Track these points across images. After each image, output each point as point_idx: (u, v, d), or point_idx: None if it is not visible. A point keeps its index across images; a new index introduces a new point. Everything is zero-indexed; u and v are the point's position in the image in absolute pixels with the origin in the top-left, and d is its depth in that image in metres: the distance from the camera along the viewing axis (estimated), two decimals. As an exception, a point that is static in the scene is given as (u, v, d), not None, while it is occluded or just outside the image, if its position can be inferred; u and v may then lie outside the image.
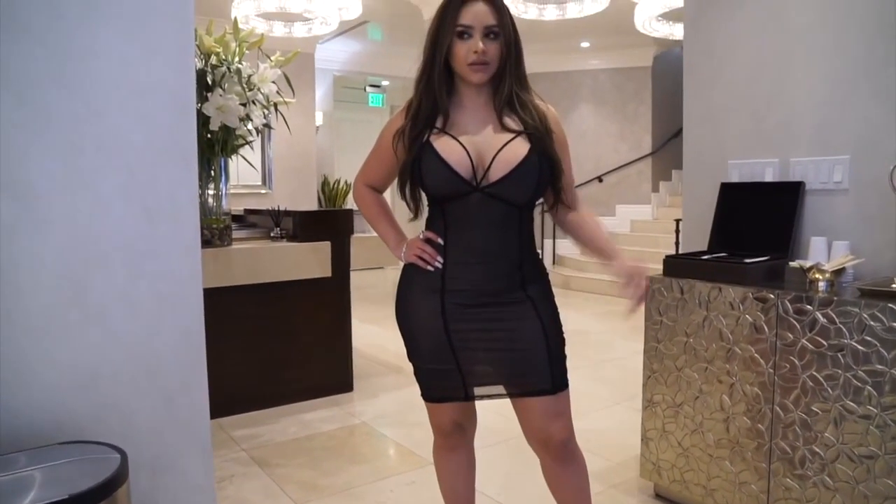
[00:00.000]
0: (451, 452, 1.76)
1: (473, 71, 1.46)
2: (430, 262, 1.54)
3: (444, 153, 1.47)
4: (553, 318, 1.59)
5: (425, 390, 1.64)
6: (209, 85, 3.06)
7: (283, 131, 3.62)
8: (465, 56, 1.45)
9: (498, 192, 1.48)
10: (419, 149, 1.50)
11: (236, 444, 2.91)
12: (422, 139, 1.50)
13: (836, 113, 2.15)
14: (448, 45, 1.46)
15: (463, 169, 1.47)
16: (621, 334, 5.09)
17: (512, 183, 1.47)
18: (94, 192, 1.34)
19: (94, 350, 1.35)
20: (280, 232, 3.60)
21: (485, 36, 1.44)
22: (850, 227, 2.12)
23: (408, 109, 1.56)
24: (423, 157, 1.49)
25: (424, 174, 1.49)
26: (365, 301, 6.76)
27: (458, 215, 1.52)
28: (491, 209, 1.49)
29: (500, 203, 1.49)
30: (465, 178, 1.47)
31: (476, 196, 1.48)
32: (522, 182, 1.48)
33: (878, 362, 1.70)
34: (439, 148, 1.48)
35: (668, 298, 2.21)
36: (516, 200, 1.50)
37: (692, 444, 2.18)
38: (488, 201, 1.48)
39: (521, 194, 1.49)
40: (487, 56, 1.45)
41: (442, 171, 1.47)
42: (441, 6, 1.48)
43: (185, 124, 1.46)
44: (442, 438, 1.73)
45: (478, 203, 1.49)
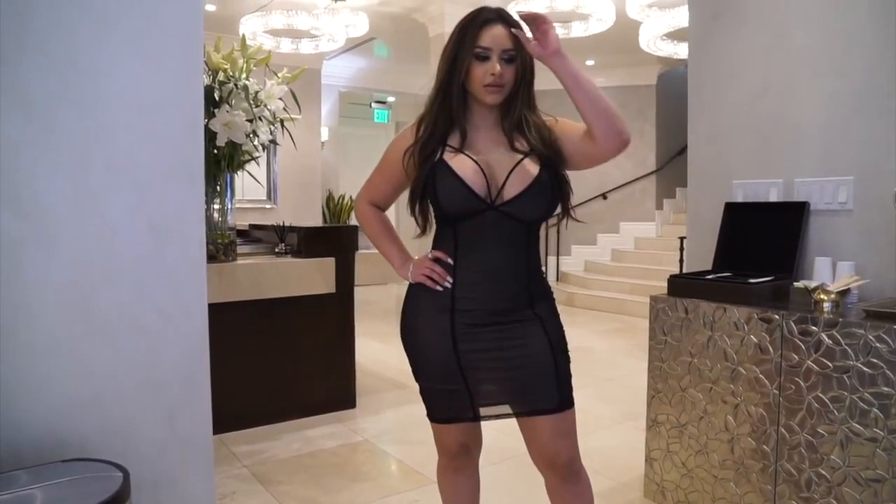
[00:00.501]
0: (456, 474, 1.74)
1: (489, 92, 1.47)
2: (440, 283, 1.54)
3: (460, 171, 1.49)
4: (560, 336, 1.60)
5: (431, 411, 1.63)
6: (216, 101, 3.08)
7: (289, 146, 3.63)
8: (482, 77, 1.46)
9: (512, 211, 1.49)
10: (433, 166, 1.51)
11: (238, 461, 2.90)
12: (435, 157, 1.51)
13: (840, 134, 2.16)
14: (467, 66, 1.47)
15: (478, 187, 1.48)
16: (625, 352, 5.07)
17: (526, 201, 1.48)
18: (101, 210, 1.35)
19: (98, 367, 1.35)
20: (284, 247, 3.61)
21: (502, 59, 1.46)
22: (855, 248, 2.12)
23: (418, 127, 1.57)
24: (437, 175, 1.50)
25: (439, 192, 1.50)
26: (369, 316, 6.76)
27: (470, 234, 1.52)
28: (503, 228, 1.50)
29: (513, 221, 1.50)
30: (480, 195, 1.48)
31: (490, 214, 1.49)
32: (535, 200, 1.49)
33: (885, 384, 1.69)
34: (454, 166, 1.49)
35: (672, 318, 2.21)
36: (528, 218, 1.51)
37: (697, 464, 2.17)
38: (501, 219, 1.49)
39: (533, 212, 1.50)
40: (504, 79, 1.46)
41: (458, 189, 1.48)
42: (460, 27, 1.50)
43: (192, 143, 1.48)
44: (447, 459, 1.72)
45: (491, 221, 1.50)
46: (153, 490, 1.42)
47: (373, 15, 6.25)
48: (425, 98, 1.58)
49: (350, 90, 9.25)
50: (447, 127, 1.53)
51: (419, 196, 1.55)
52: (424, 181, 1.52)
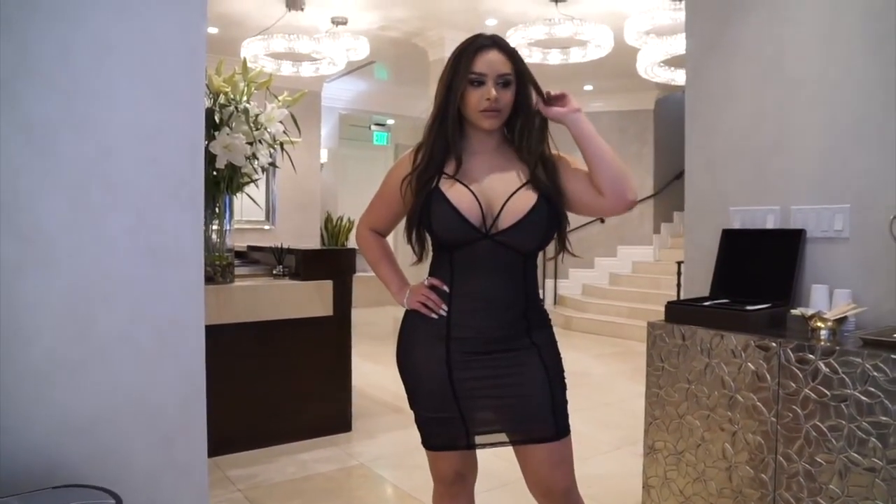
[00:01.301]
0: (451, 501, 1.72)
1: (485, 117, 1.48)
2: (435, 311, 1.54)
3: (455, 200, 1.49)
4: (556, 364, 1.59)
5: (426, 438, 1.62)
6: (217, 124, 3.10)
7: (288, 168, 3.65)
8: (478, 103, 1.47)
9: (506, 241, 1.49)
10: (428, 194, 1.51)
11: (232, 485, 2.87)
12: (431, 185, 1.51)
13: (836, 162, 2.17)
14: (461, 91, 1.48)
15: (473, 216, 1.48)
16: (623, 376, 5.05)
17: (520, 231, 1.48)
18: (100, 233, 1.35)
19: (94, 392, 1.34)
20: (282, 269, 3.61)
21: (497, 84, 1.47)
22: (852, 276, 2.12)
23: (416, 154, 1.57)
24: (432, 203, 1.50)
25: (434, 220, 1.50)
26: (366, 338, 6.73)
27: (465, 262, 1.52)
28: (498, 256, 1.50)
29: (507, 251, 1.50)
30: (474, 225, 1.48)
31: (485, 243, 1.49)
32: (530, 231, 1.49)
33: (883, 414, 1.68)
34: (449, 194, 1.49)
35: (669, 345, 2.20)
36: (523, 248, 1.51)
37: (694, 492, 2.15)
38: (496, 248, 1.49)
39: (528, 243, 1.50)
40: (499, 104, 1.47)
41: (452, 218, 1.48)
42: (455, 53, 1.51)
43: (192, 166, 1.48)
44: (443, 487, 1.70)
45: (485, 250, 1.49)
46: (146, 516, 1.41)
47: (373, 39, 6.32)
48: (425, 122, 1.59)
49: (350, 112, 9.31)
50: (444, 154, 1.53)
51: (416, 224, 1.54)
52: (420, 209, 1.52)
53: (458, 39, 1.57)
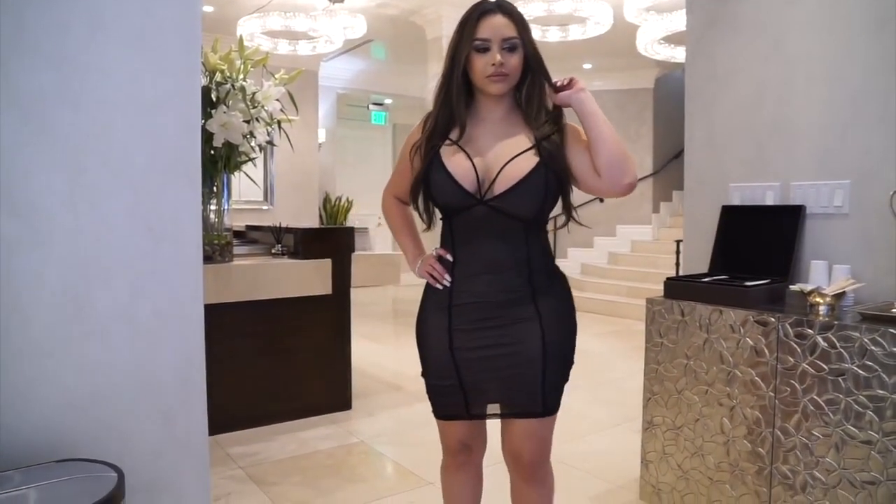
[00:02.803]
0: (457, 472, 1.74)
1: (492, 82, 1.47)
2: (439, 280, 1.56)
3: (451, 166, 1.49)
4: (559, 340, 1.57)
5: (434, 407, 1.65)
6: (213, 102, 3.07)
7: (286, 148, 3.63)
8: (484, 68, 1.47)
9: (501, 206, 1.48)
10: (430, 161, 1.52)
11: (233, 462, 2.89)
12: (433, 152, 1.53)
13: (836, 138, 2.17)
14: (467, 58, 1.48)
15: (468, 182, 1.48)
16: (621, 354, 5.08)
17: (516, 197, 1.47)
18: (97, 210, 1.34)
19: (94, 369, 1.34)
20: (281, 249, 3.61)
21: (503, 48, 1.46)
22: (851, 252, 2.12)
23: (425, 122, 1.58)
24: (431, 170, 1.52)
25: (432, 186, 1.52)
26: (365, 318, 6.75)
27: (465, 228, 1.53)
28: (496, 223, 1.50)
29: (505, 217, 1.49)
30: (469, 191, 1.48)
31: (480, 209, 1.49)
32: (527, 197, 1.47)
33: (880, 387, 1.69)
34: (447, 161, 1.50)
35: (668, 321, 2.21)
36: (521, 215, 1.50)
37: (692, 466, 2.17)
38: (493, 215, 1.49)
39: (526, 209, 1.49)
40: (505, 68, 1.46)
41: (447, 184, 1.49)
42: (460, 21, 1.51)
43: (190, 143, 1.47)
44: (449, 457, 1.73)
45: (482, 216, 1.49)
46: (148, 492, 1.42)
47: (370, 17, 6.26)
48: (423, 101, 1.60)
49: (348, 92, 9.25)
50: (449, 121, 1.54)
51: (419, 191, 1.56)
52: (422, 176, 1.53)
53: (455, 17, 1.56)
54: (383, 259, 4.25)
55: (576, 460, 2.84)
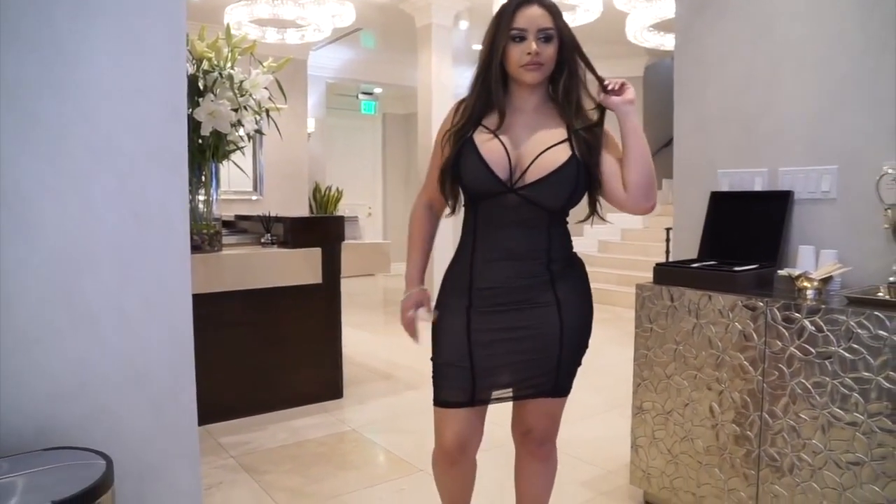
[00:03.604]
0: (451, 466, 1.70)
1: (527, 71, 1.49)
2: (411, 336, 1.70)
3: (485, 151, 1.50)
4: (577, 324, 1.60)
5: (437, 392, 1.63)
6: (201, 90, 3.05)
7: (275, 137, 3.61)
8: (520, 58, 1.48)
9: (531, 196, 1.50)
10: (462, 145, 1.53)
11: (224, 451, 2.89)
12: (466, 136, 1.53)
13: (824, 124, 2.17)
14: (504, 48, 1.49)
15: (500, 169, 1.50)
16: (611, 341, 5.10)
17: (546, 188, 1.49)
18: (83, 197, 1.33)
19: (82, 357, 1.33)
20: (271, 238, 3.59)
21: (538, 38, 1.48)
22: (838, 236, 2.14)
23: (456, 110, 1.60)
24: (463, 153, 1.52)
25: (463, 170, 1.52)
26: (356, 308, 6.75)
27: (490, 214, 1.55)
28: (522, 212, 1.52)
29: (532, 207, 1.51)
30: (500, 178, 1.50)
31: (510, 197, 1.51)
32: (557, 188, 1.49)
33: (865, 370, 1.71)
34: (481, 146, 1.51)
35: (658, 306, 2.22)
36: (549, 206, 1.52)
37: (682, 451, 2.18)
38: (521, 204, 1.51)
39: (554, 200, 1.51)
40: (541, 57, 1.48)
41: (479, 169, 1.50)
42: (497, 12, 1.53)
43: (176, 129, 1.46)
44: (441, 452, 1.67)
45: (510, 204, 1.51)
46: (138, 480, 1.42)
47: (359, 5, 6.21)
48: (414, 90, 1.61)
49: (337, 81, 9.19)
50: (484, 109, 1.55)
51: (448, 174, 1.56)
52: (453, 160, 1.54)
53: (445, 5, 1.58)
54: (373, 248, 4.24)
55: (566, 446, 2.84)
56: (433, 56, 6.43)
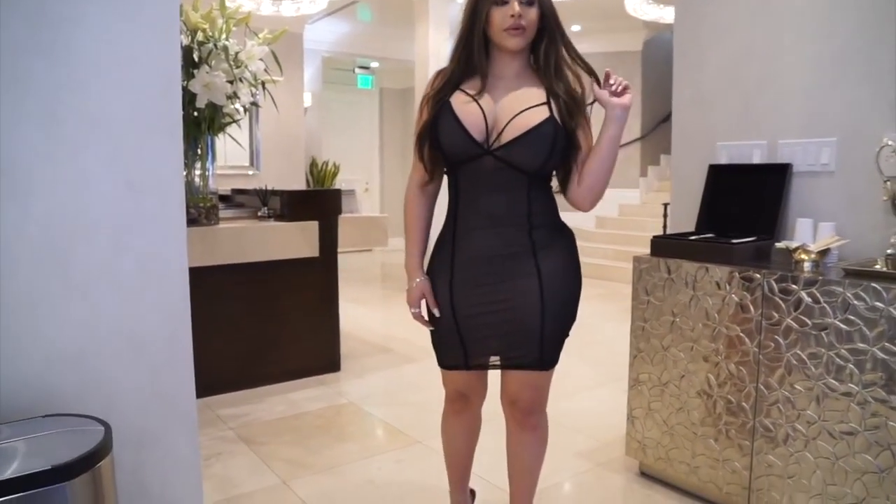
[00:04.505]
0: (455, 417, 1.82)
1: (510, 35, 1.48)
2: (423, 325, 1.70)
3: (461, 114, 1.50)
4: (559, 295, 1.59)
5: (436, 354, 1.70)
6: (195, 62, 3.01)
7: (271, 112, 3.58)
8: (502, 20, 1.47)
9: (507, 156, 1.49)
10: (439, 109, 1.53)
11: (223, 423, 2.91)
12: (444, 100, 1.53)
13: (824, 96, 2.16)
14: (486, 12, 1.49)
15: (476, 131, 1.50)
16: (608, 317, 5.12)
17: (522, 147, 1.48)
18: (76, 164, 1.32)
19: (78, 324, 1.33)
20: (267, 211, 3.58)
21: (520, 1, 1.47)
22: (836, 209, 2.13)
23: (436, 77, 1.59)
24: (440, 117, 1.52)
25: (440, 133, 1.52)
26: (353, 283, 6.75)
27: (470, 179, 1.54)
28: (501, 176, 1.51)
29: (510, 169, 1.51)
30: (477, 140, 1.50)
31: (487, 160, 1.50)
32: (534, 147, 1.49)
33: (861, 341, 1.72)
34: (458, 109, 1.51)
35: (655, 278, 2.22)
36: (526, 166, 1.51)
37: (677, 422, 2.20)
38: (498, 166, 1.50)
39: (531, 160, 1.50)
40: (524, 20, 1.47)
41: (456, 132, 1.50)
42: None
43: (169, 96, 1.44)
44: (448, 403, 1.81)
45: (488, 168, 1.51)
46: (137, 447, 1.42)
47: (356, -24, 6.12)
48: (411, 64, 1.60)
49: (333, 55, 9.09)
50: (464, 75, 1.55)
51: (425, 138, 1.56)
52: (430, 123, 1.54)
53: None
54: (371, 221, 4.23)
55: (562, 418, 2.88)
56: (430, 30, 6.36)
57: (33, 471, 0.99)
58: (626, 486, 2.35)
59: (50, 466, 1.00)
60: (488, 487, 2.24)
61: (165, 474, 1.48)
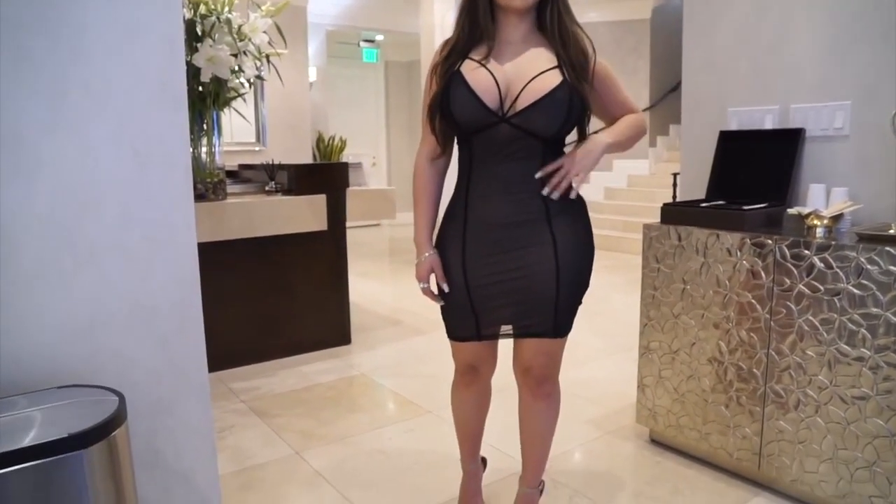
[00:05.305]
0: (465, 389, 1.82)
1: None
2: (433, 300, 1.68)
3: (473, 82, 1.48)
4: (576, 263, 1.58)
5: (446, 326, 1.69)
6: (199, 36, 2.99)
7: (277, 87, 3.56)
8: None
9: (523, 123, 1.47)
10: (450, 78, 1.50)
11: (235, 397, 2.93)
12: (453, 69, 1.51)
13: (838, 58, 2.12)
14: None
15: (490, 98, 1.47)
16: (617, 287, 5.11)
17: (538, 113, 1.46)
18: (81, 137, 1.31)
19: (88, 296, 1.33)
20: (275, 186, 3.57)
21: None
22: (850, 174, 2.11)
23: (443, 47, 1.57)
24: (451, 86, 1.50)
25: (452, 103, 1.50)
26: (363, 258, 6.77)
27: (484, 149, 1.53)
28: (515, 143, 1.50)
29: (526, 136, 1.49)
30: (491, 108, 1.48)
31: (503, 128, 1.48)
32: (549, 113, 1.47)
33: (874, 305, 1.70)
34: (469, 77, 1.48)
35: (665, 246, 2.21)
36: (542, 132, 1.49)
37: (688, 389, 2.20)
38: (514, 134, 1.48)
39: (547, 126, 1.48)
40: None
41: (469, 101, 1.47)
42: None
43: (173, 67, 1.42)
44: (458, 375, 1.80)
45: (503, 136, 1.49)
46: (150, 417, 1.44)
47: (359, -53, 6.04)
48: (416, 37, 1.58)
49: (337, 29, 9.00)
50: (470, 42, 1.52)
51: (437, 109, 1.54)
52: (441, 93, 1.52)
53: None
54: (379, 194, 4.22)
55: (572, 387, 2.89)
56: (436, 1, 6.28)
57: (51, 439, 1.00)
58: (637, 452, 2.36)
59: (67, 434, 1.01)
60: (500, 456, 2.26)
61: (179, 443, 1.49)
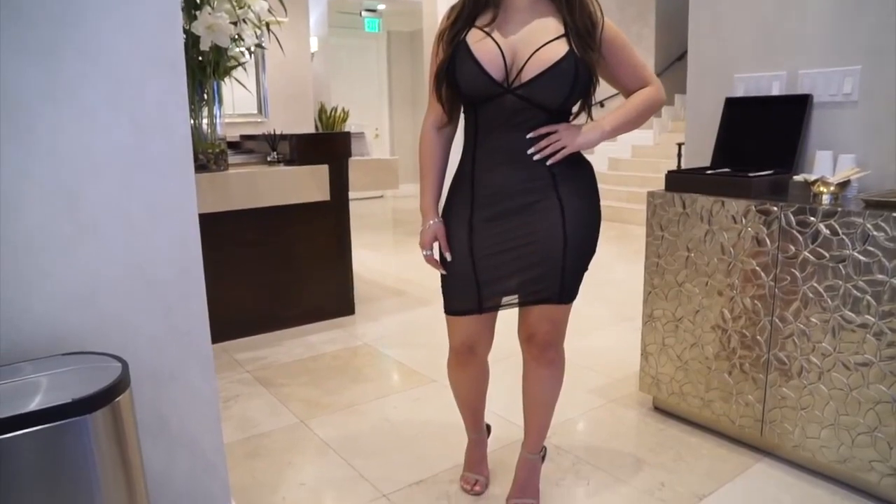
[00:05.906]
0: (461, 368, 1.80)
1: None
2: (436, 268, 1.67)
3: (478, 53, 1.46)
4: (583, 228, 1.58)
5: (446, 302, 1.67)
6: (197, 3, 2.94)
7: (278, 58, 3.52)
8: None
9: (528, 94, 1.46)
10: (455, 48, 1.49)
11: (240, 367, 2.95)
12: (459, 38, 1.49)
13: (847, 22, 2.07)
14: None
15: (495, 69, 1.46)
16: (621, 258, 5.11)
17: (543, 85, 1.44)
18: (78, 101, 1.29)
19: (90, 264, 1.33)
20: (277, 156, 3.55)
21: None
22: (858, 140, 2.08)
23: (449, 14, 1.55)
24: (457, 56, 1.48)
25: (458, 74, 1.48)
26: (365, 229, 6.77)
27: (489, 118, 1.51)
28: (521, 113, 1.48)
29: (531, 107, 1.47)
30: (496, 79, 1.46)
31: (508, 98, 1.47)
32: (556, 84, 1.45)
33: (879, 272, 1.69)
34: (474, 47, 1.47)
35: (669, 213, 2.19)
36: (548, 104, 1.48)
37: (691, 357, 2.21)
38: (519, 104, 1.47)
39: (553, 97, 1.47)
40: None
41: (474, 72, 1.46)
42: None
43: (170, 31, 1.40)
44: (453, 354, 1.78)
45: (509, 106, 1.48)
46: (154, 384, 1.44)
47: (359, -88, 5.92)
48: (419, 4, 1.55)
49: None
50: (476, 8, 1.50)
51: (442, 79, 1.53)
52: (446, 63, 1.50)
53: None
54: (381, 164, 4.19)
55: (575, 356, 2.89)
56: (438, -33, 6.17)
57: (56, 403, 1.01)
58: (640, 420, 2.37)
59: (71, 399, 1.02)
60: (503, 424, 2.28)
61: (183, 410, 1.50)
